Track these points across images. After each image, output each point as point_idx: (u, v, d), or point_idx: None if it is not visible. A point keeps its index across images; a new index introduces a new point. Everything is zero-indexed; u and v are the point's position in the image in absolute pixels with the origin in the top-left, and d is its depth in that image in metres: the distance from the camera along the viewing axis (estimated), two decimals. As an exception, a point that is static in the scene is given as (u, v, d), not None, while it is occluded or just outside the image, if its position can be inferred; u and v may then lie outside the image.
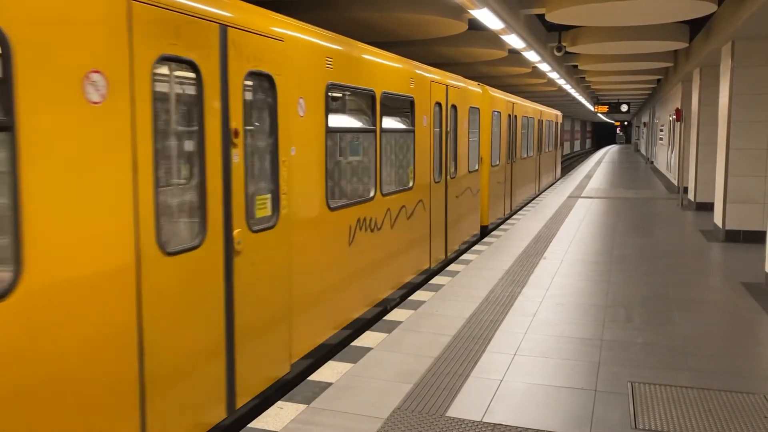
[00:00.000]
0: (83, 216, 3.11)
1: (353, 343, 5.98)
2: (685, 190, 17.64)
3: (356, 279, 6.44)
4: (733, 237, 11.71)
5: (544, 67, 16.64)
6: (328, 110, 5.73)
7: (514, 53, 16.14)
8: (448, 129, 9.50)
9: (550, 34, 14.30)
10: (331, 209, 5.86)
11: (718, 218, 12.28)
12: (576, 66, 19.24)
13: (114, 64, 3.24)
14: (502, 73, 19.80)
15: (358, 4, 10.00)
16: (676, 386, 5.02)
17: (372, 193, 6.87)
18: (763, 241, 8.74)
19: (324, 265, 5.75)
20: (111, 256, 3.30)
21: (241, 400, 4.48)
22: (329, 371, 5.27)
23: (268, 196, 4.83)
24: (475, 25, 12.08)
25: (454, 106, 9.77)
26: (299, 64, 5.16)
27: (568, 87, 23.93)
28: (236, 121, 4.35)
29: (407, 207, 7.90)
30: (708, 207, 15.02)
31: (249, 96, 4.60)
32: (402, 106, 8.04)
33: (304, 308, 5.35)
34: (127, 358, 3.39)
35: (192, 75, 3.94)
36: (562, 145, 28.68)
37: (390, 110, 7.69)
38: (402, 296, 7.82)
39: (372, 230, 6.78)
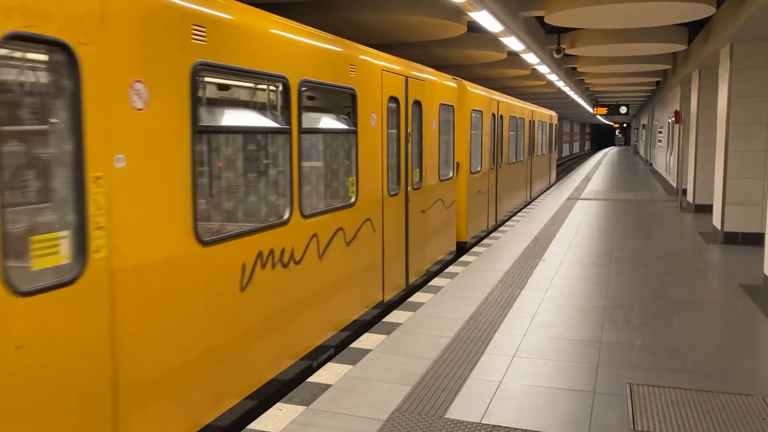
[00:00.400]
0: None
1: (352, 345, 5.98)
2: (684, 192, 17.66)
3: (252, 337, 4.72)
4: (731, 239, 11.72)
5: (543, 69, 16.66)
6: (197, 101, 4.08)
7: (514, 55, 16.16)
8: (410, 130, 7.96)
9: (549, 37, 14.32)
10: (205, 243, 4.14)
11: (716, 220, 12.30)
12: (575, 68, 19.27)
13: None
14: (502, 75, 19.82)
15: (358, 7, 10.02)
16: (674, 388, 5.03)
17: (286, 215, 5.19)
18: (762, 243, 8.75)
19: (187, 327, 4.02)
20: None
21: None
22: (328, 373, 5.27)
23: (61, 234, 3.21)
24: (474, 28, 12.10)
25: (417, 102, 8.25)
26: (136, 31, 3.57)
27: (567, 89, 23.96)
28: None
29: (347, 229, 6.23)
30: (707, 209, 15.04)
31: (26, 77, 3.11)
32: (340, 101, 6.45)
33: (136, 401, 3.59)
34: None
35: None
36: (557, 148, 26.75)
37: (323, 105, 6.42)
38: (342, 342, 6.26)
39: (286, 265, 5.11)
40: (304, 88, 5.35)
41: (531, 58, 14.11)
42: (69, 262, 3.20)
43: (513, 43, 11.77)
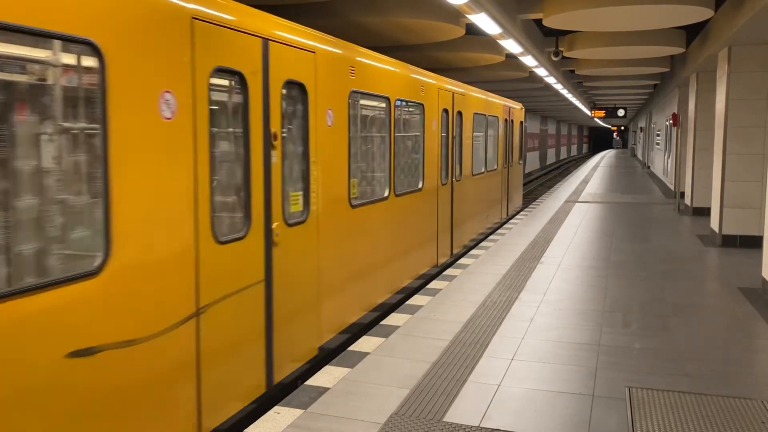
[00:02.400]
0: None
1: (350, 348, 5.96)
2: (682, 195, 17.67)
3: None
4: (730, 242, 11.73)
5: (542, 71, 16.67)
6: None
7: (512, 58, 16.17)
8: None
9: (548, 39, 14.32)
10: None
11: (715, 223, 12.30)
12: (573, 71, 19.29)
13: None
14: (500, 78, 19.83)
15: (358, 9, 10.02)
16: (673, 391, 5.02)
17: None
18: (760, 246, 8.76)
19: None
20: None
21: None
22: (326, 376, 5.26)
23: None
24: (472, 30, 12.11)
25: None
26: None
27: (565, 92, 23.97)
28: None
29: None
30: (705, 212, 15.07)
31: None
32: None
33: None
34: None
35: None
36: (524, 157, 20.01)
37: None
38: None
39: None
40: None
41: (529, 60, 14.11)
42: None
43: (511, 45, 11.77)
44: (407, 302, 7.58)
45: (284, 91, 5.20)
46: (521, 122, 17.71)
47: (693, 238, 12.50)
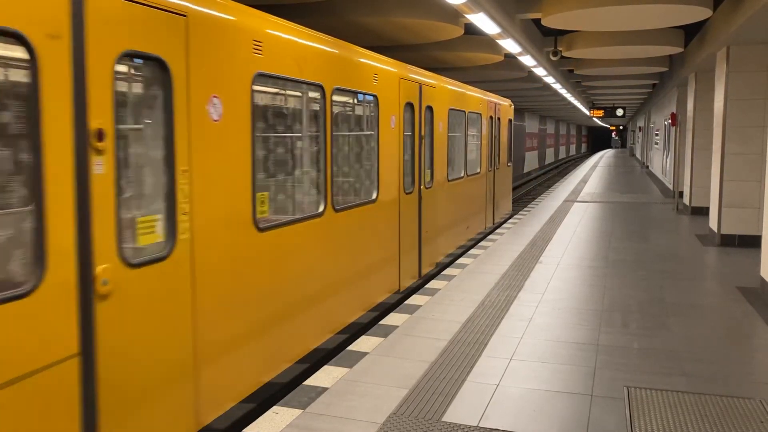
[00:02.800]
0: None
1: (349, 348, 5.96)
2: (681, 194, 17.68)
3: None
4: (728, 241, 11.73)
5: (540, 71, 16.67)
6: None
7: (511, 58, 16.17)
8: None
9: (546, 39, 14.32)
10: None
11: (713, 223, 12.31)
12: (572, 70, 19.29)
13: None
14: (499, 78, 19.83)
15: (356, 9, 10.01)
16: (672, 391, 5.02)
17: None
18: (759, 246, 8.76)
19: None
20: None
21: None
22: (325, 376, 5.25)
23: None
24: (471, 30, 12.10)
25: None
26: None
27: (563, 91, 23.98)
28: None
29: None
30: (703, 211, 15.08)
31: None
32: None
33: None
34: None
35: None
36: (512, 160, 17.09)
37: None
38: None
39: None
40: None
41: (528, 60, 14.11)
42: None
43: (510, 45, 11.77)
44: (406, 302, 7.57)
45: (122, 68, 3.69)
46: (510, 120, 15.92)
47: (692, 238, 12.50)
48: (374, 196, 7.30)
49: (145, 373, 3.75)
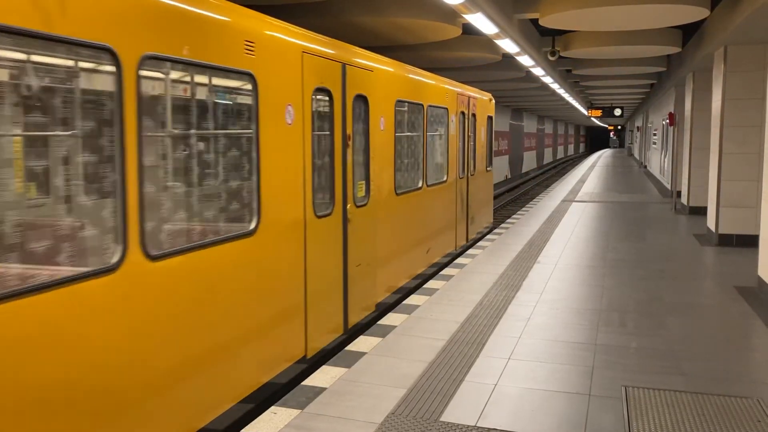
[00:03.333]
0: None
1: (347, 348, 5.96)
2: (679, 194, 17.70)
3: None
4: (726, 241, 11.75)
5: (538, 71, 16.68)
6: None
7: (509, 58, 16.17)
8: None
9: (544, 39, 14.34)
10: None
11: (711, 222, 12.33)
12: (570, 70, 19.30)
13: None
14: (497, 78, 19.84)
15: (353, 9, 10.02)
16: (670, 390, 5.03)
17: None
18: (756, 245, 8.78)
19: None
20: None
21: None
22: (323, 376, 5.26)
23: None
24: (469, 30, 12.11)
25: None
26: None
27: (561, 91, 23.99)
28: None
29: None
30: (701, 211, 15.09)
31: None
32: None
33: None
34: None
35: None
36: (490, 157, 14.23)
37: None
38: None
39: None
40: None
41: (526, 60, 14.12)
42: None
43: (508, 45, 11.78)
44: (404, 302, 7.58)
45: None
46: (490, 117, 13.60)
47: (689, 238, 12.52)
48: (252, 225, 4.90)
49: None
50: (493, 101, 14.12)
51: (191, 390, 4.20)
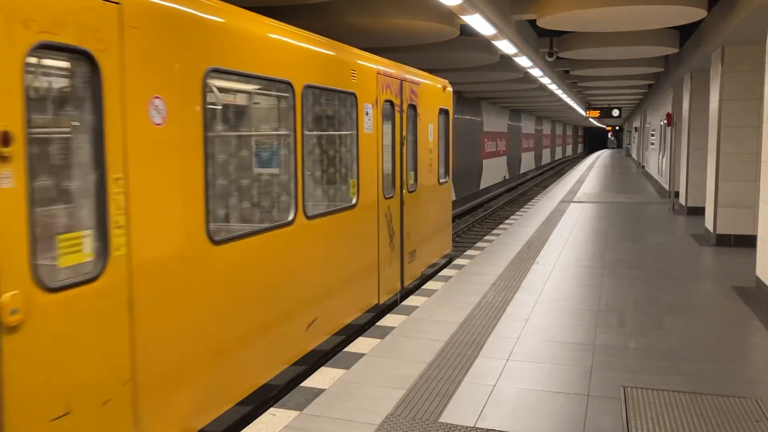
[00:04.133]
0: None
1: (346, 349, 5.97)
2: (677, 194, 17.72)
3: None
4: (724, 241, 11.76)
5: (536, 72, 16.70)
6: None
7: (506, 59, 16.19)
8: None
9: (542, 40, 14.36)
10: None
11: (709, 222, 12.34)
12: (567, 71, 19.33)
13: None
14: (495, 79, 19.86)
15: (352, 11, 10.03)
16: (668, 391, 5.03)
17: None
18: (754, 246, 8.79)
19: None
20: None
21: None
22: (322, 377, 5.26)
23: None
24: (467, 31, 12.12)
25: None
26: None
27: (559, 92, 24.02)
28: None
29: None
30: (699, 211, 15.10)
31: None
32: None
33: None
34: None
35: None
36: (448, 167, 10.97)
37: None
38: None
39: None
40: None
41: (524, 61, 14.14)
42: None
43: (506, 46, 11.79)
44: (403, 303, 7.58)
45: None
46: (445, 111, 10.32)
47: (687, 238, 12.53)
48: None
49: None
50: (450, 90, 10.52)
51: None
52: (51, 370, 3.15)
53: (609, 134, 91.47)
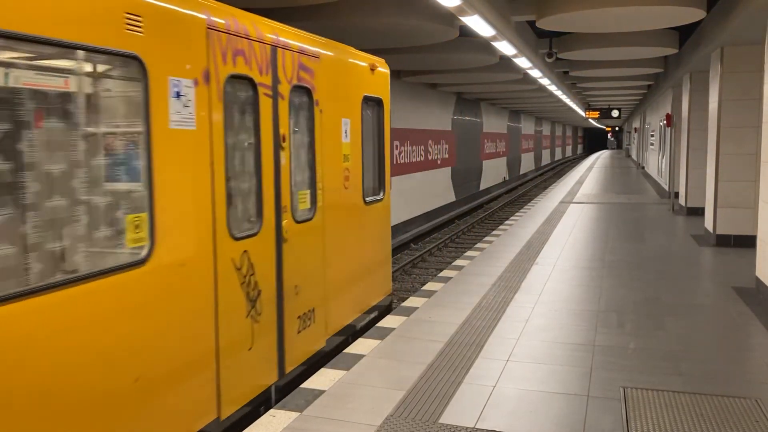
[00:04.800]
0: None
1: (346, 350, 5.97)
2: (676, 195, 17.72)
3: None
4: (724, 241, 11.77)
5: (536, 73, 16.71)
6: None
7: (506, 60, 16.20)
8: None
9: (541, 41, 14.36)
10: None
11: (709, 223, 12.34)
12: (567, 72, 19.33)
13: None
14: (494, 80, 19.86)
15: (351, 12, 10.03)
16: (668, 391, 5.03)
17: None
18: (754, 246, 8.80)
19: None
20: None
21: None
22: (322, 378, 5.26)
23: None
24: (466, 33, 12.13)
25: None
26: None
27: (559, 93, 24.03)
28: None
29: None
30: (699, 212, 15.10)
31: None
32: None
33: None
34: None
35: None
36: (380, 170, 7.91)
37: None
38: None
39: None
40: None
41: (523, 62, 14.15)
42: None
43: (505, 47, 11.80)
44: (402, 304, 7.58)
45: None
46: (375, 101, 7.50)
47: (687, 238, 12.53)
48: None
49: None
50: (385, 71, 7.74)
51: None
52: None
53: (609, 135, 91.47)
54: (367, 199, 7.21)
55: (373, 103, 7.52)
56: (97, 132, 3.70)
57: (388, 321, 6.88)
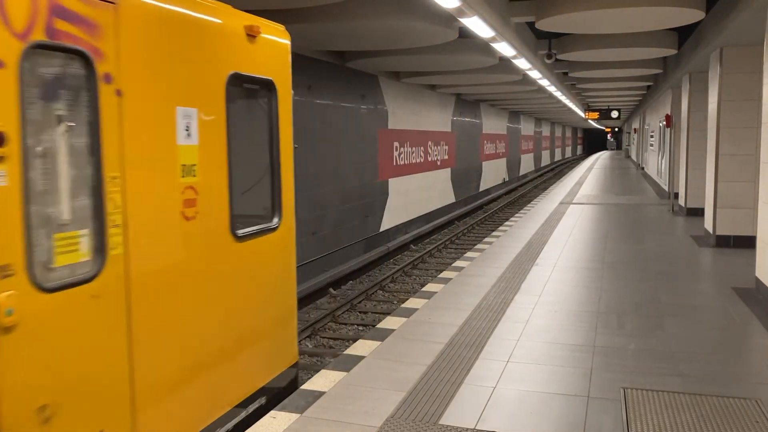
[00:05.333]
0: None
1: (346, 352, 5.97)
2: (676, 195, 17.73)
3: None
4: (723, 242, 11.77)
5: (535, 74, 16.72)
6: None
7: (505, 61, 16.21)
8: None
9: (540, 42, 14.37)
10: None
11: (708, 224, 12.35)
12: (566, 73, 19.34)
13: None
14: (493, 81, 19.87)
15: (350, 14, 10.04)
16: (668, 392, 5.03)
17: None
18: (754, 246, 8.80)
19: None
20: None
21: None
22: (322, 380, 5.26)
23: None
24: (465, 34, 12.14)
25: None
26: None
27: (558, 94, 24.04)
28: None
29: None
30: (698, 212, 15.10)
31: None
32: None
33: None
34: None
35: None
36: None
37: None
38: None
39: None
40: None
41: (522, 63, 14.16)
42: None
43: (504, 48, 11.81)
44: (402, 305, 7.58)
45: None
46: (260, 84, 5.06)
47: (687, 239, 12.54)
48: None
49: None
50: (284, 42, 5.37)
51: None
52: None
53: (608, 136, 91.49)
54: (241, 232, 4.76)
55: (256, 87, 5.11)
56: None
57: (388, 322, 6.88)
